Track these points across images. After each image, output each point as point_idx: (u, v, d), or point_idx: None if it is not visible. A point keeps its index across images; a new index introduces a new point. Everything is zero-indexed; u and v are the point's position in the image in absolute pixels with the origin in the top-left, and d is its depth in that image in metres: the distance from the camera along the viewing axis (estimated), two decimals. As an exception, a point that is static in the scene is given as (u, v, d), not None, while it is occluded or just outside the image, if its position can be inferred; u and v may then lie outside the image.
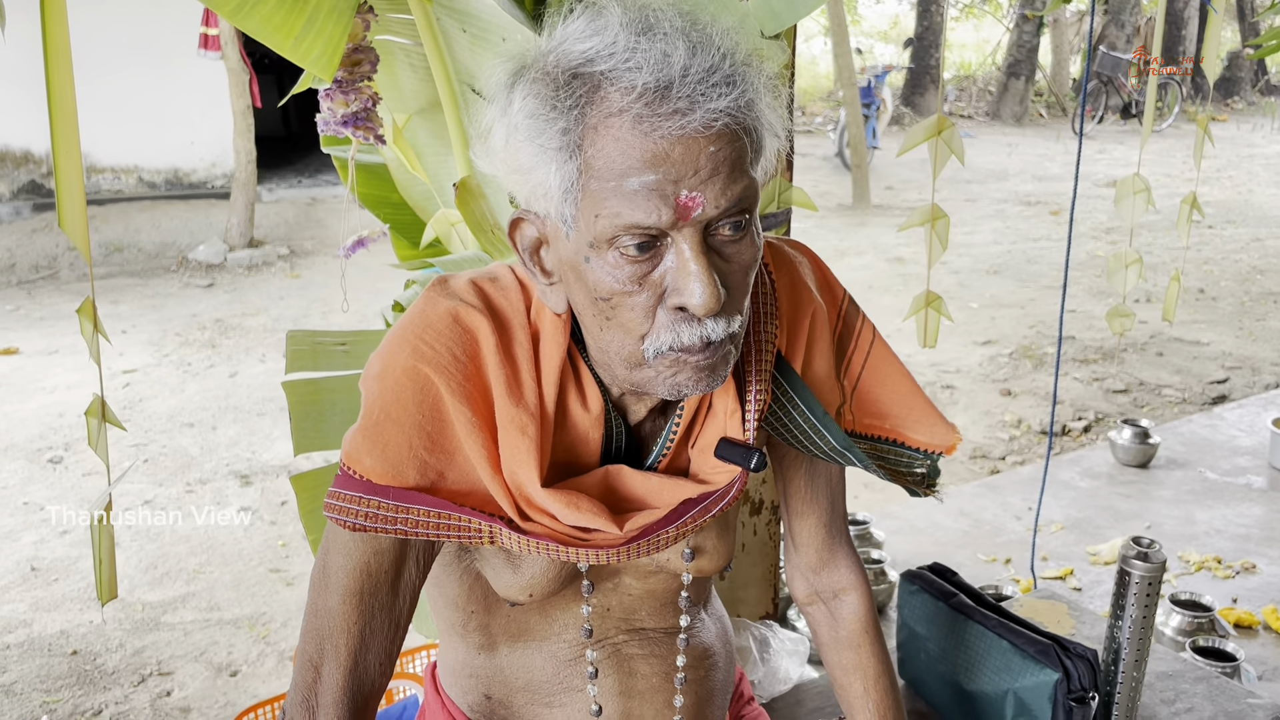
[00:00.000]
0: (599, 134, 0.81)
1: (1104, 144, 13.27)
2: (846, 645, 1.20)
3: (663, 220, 0.80)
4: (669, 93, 0.79)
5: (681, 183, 0.80)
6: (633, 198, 0.80)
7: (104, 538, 1.22)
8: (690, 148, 0.80)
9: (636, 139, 0.79)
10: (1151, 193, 2.20)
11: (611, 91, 0.80)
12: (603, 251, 0.83)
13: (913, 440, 1.14)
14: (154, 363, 5.54)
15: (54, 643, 3.07)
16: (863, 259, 7.76)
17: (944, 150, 1.79)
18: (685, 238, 0.82)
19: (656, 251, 0.83)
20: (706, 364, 0.87)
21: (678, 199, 0.80)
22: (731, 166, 0.81)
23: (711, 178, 0.81)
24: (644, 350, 0.87)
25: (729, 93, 0.80)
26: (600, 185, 0.81)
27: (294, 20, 1.20)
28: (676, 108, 0.79)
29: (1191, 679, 1.64)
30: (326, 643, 0.95)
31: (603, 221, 0.82)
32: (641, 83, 0.79)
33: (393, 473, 0.92)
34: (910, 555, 3.30)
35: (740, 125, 0.82)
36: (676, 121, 0.79)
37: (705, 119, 0.79)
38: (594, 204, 0.82)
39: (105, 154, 8.45)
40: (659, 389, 0.89)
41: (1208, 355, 5.54)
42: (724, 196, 0.82)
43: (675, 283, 0.83)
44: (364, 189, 1.64)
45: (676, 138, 0.79)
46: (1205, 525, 3.50)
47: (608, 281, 0.84)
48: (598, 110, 0.81)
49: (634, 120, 0.79)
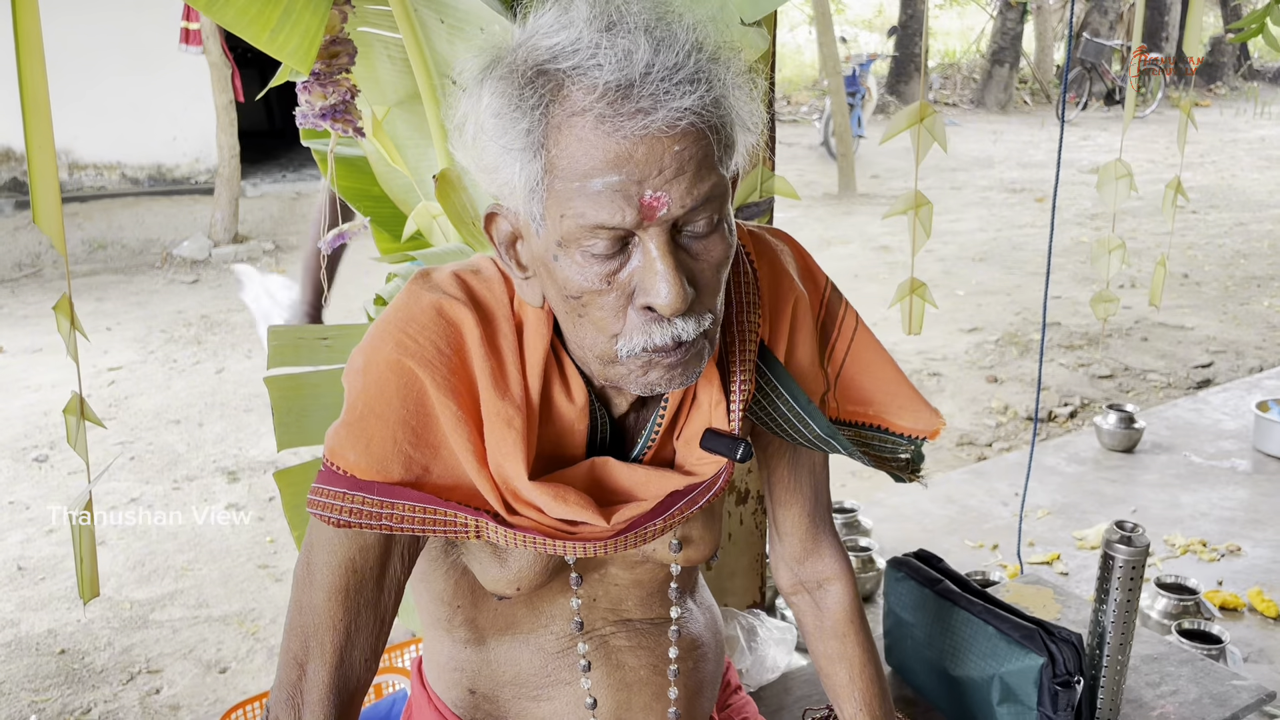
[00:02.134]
0: (562, 133, 0.80)
1: (1088, 130, 13.30)
2: (832, 635, 1.21)
3: (627, 220, 0.80)
4: (631, 91, 0.78)
5: (646, 183, 0.79)
6: (596, 198, 0.80)
7: (84, 537, 1.22)
8: (654, 147, 0.79)
9: (599, 139, 0.79)
10: (1134, 178, 2.20)
11: (574, 90, 0.80)
12: (570, 251, 0.83)
13: (896, 426, 1.15)
14: (139, 360, 5.51)
15: (42, 642, 3.06)
16: (848, 248, 7.77)
17: (927, 138, 1.79)
18: (651, 237, 0.81)
19: (624, 251, 0.83)
20: (678, 363, 0.87)
21: (642, 199, 0.79)
22: (698, 165, 0.81)
23: (677, 177, 0.80)
24: (616, 350, 0.87)
25: (694, 90, 0.79)
26: (564, 185, 0.81)
27: (270, 12, 1.19)
28: (639, 107, 0.78)
29: (1177, 662, 1.65)
30: (311, 640, 0.95)
31: (568, 221, 0.82)
32: (604, 81, 0.78)
33: (377, 468, 0.91)
34: (898, 542, 3.31)
35: (706, 123, 0.81)
36: (639, 121, 0.78)
37: (669, 118, 0.78)
38: (559, 204, 0.82)
39: (87, 150, 8.38)
40: (631, 386, 0.89)
41: (1192, 340, 5.56)
42: (690, 196, 0.81)
43: (642, 282, 0.83)
44: (344, 182, 1.63)
45: (640, 137, 0.78)
46: (1190, 509, 3.52)
47: (576, 280, 0.84)
48: (561, 109, 0.80)
49: (596, 120, 0.79)
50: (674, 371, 0.87)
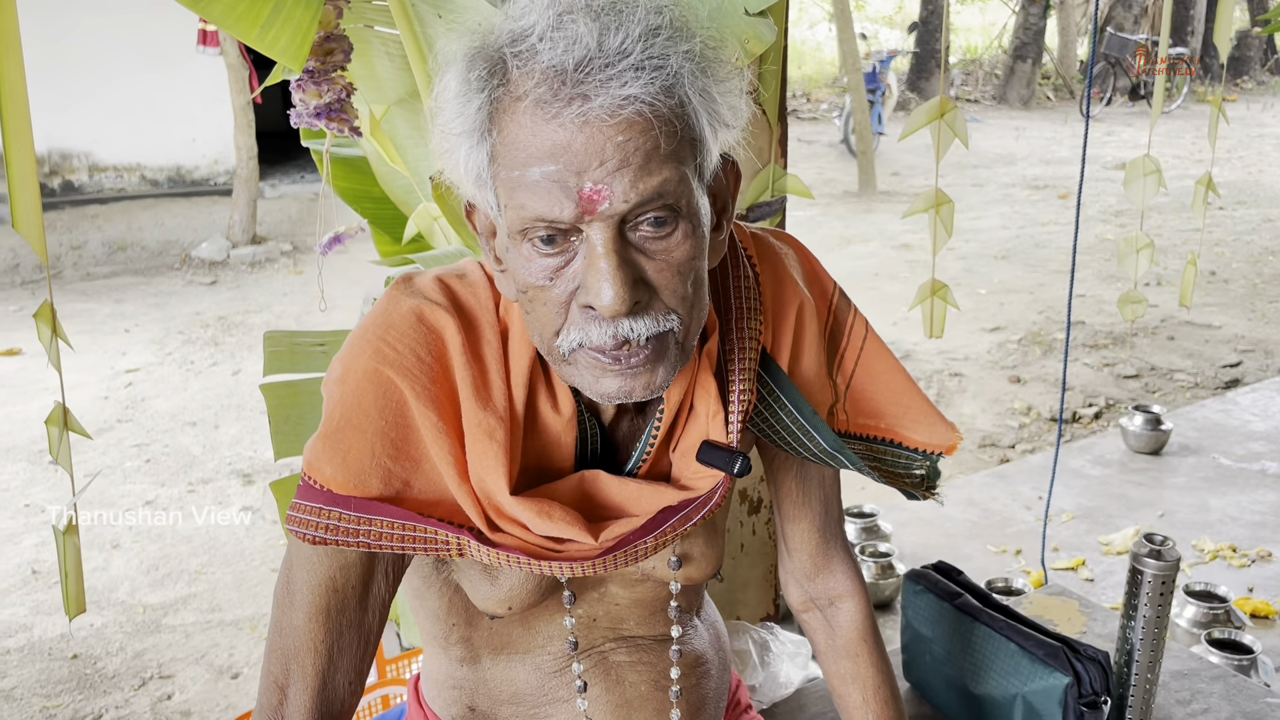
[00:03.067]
0: (504, 118, 0.77)
1: (1112, 126, 13.15)
2: (844, 654, 1.15)
3: (566, 213, 0.75)
4: (568, 77, 0.74)
5: (585, 174, 0.74)
6: (535, 188, 0.75)
7: (69, 551, 1.18)
8: (594, 137, 0.74)
9: (537, 125, 0.75)
10: (1163, 174, 2.14)
11: (518, 74, 0.76)
12: (519, 243, 0.80)
13: (910, 440, 1.09)
14: (157, 361, 5.51)
15: (54, 647, 3.04)
16: (869, 246, 7.69)
17: (947, 134, 1.73)
18: (595, 232, 0.77)
19: (569, 245, 0.78)
20: (633, 370, 0.81)
21: (580, 191, 0.75)
22: (645, 157, 0.75)
23: (620, 169, 0.75)
24: (559, 345, 0.82)
25: (640, 77, 0.74)
26: (507, 173, 0.77)
27: (260, 8, 1.15)
28: (578, 93, 0.73)
29: (1208, 678, 1.58)
30: (292, 663, 0.91)
31: (511, 212, 0.78)
32: (543, 66, 0.74)
33: (354, 482, 0.87)
34: (919, 548, 3.25)
35: (656, 114, 0.75)
36: (577, 107, 0.73)
37: (609, 105, 0.73)
38: (505, 193, 0.78)
39: (107, 152, 8.42)
40: (587, 391, 0.84)
41: (1220, 339, 5.46)
42: (634, 190, 0.75)
43: (584, 280, 0.78)
44: (345, 183, 1.59)
45: (578, 125, 0.74)
46: (1219, 513, 3.44)
47: (523, 274, 0.80)
48: (505, 93, 0.77)
49: (534, 105, 0.75)
50: (631, 380, 0.81)
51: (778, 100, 1.48)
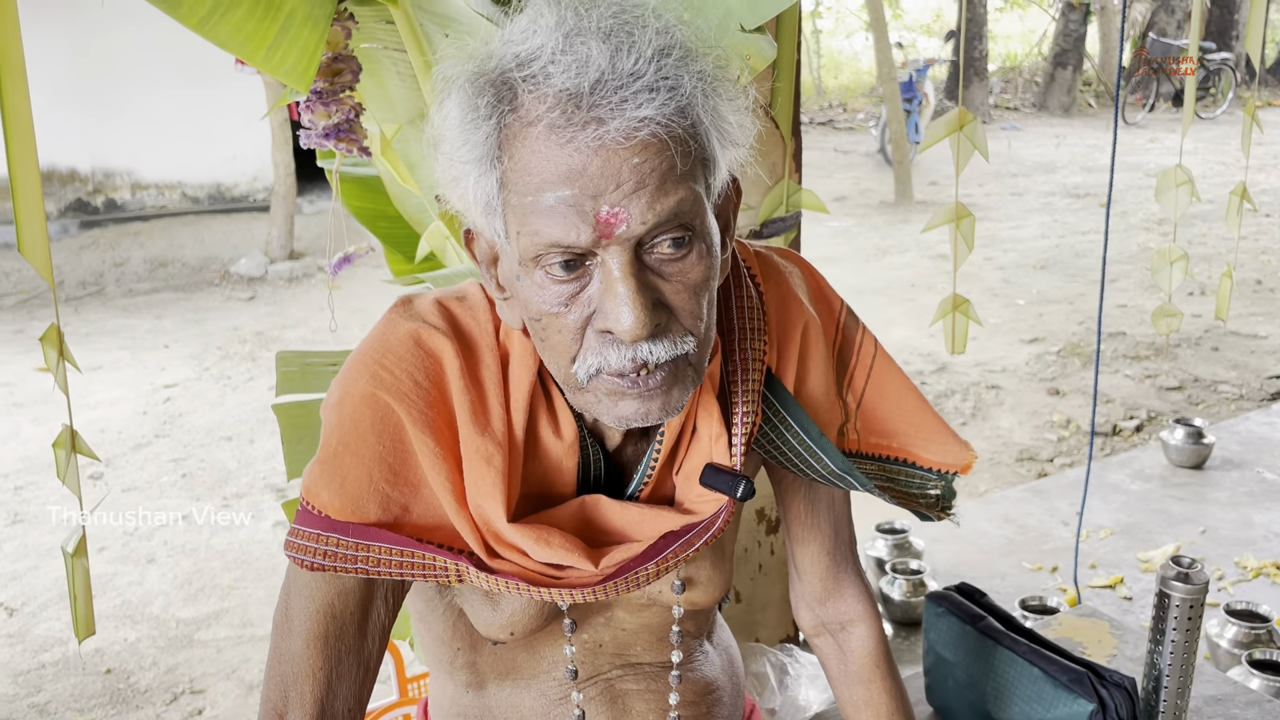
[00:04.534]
0: (515, 144, 0.75)
1: (1155, 132, 12.97)
2: (857, 680, 1.13)
3: (582, 239, 0.74)
4: (583, 100, 0.72)
5: (601, 198, 0.73)
6: (550, 214, 0.74)
7: (78, 573, 1.19)
8: (610, 160, 0.73)
9: (551, 150, 0.73)
10: (1195, 184, 2.09)
11: (528, 99, 0.74)
12: (531, 270, 0.77)
13: (924, 460, 1.06)
14: (194, 377, 5.58)
15: (89, 661, 3.08)
16: (905, 256, 7.62)
17: (967, 146, 1.70)
18: (612, 256, 0.75)
19: (584, 270, 0.77)
20: (651, 393, 0.79)
21: (598, 215, 0.73)
22: (661, 178, 0.74)
23: (636, 192, 0.73)
24: (575, 373, 0.80)
25: (654, 98, 0.73)
26: (519, 200, 0.75)
27: (266, 29, 1.16)
28: (593, 116, 0.72)
29: (1242, 703, 1.53)
30: (291, 690, 0.90)
31: (524, 239, 0.76)
32: (556, 89, 0.73)
33: (352, 508, 0.86)
34: (952, 565, 3.19)
35: (670, 134, 0.74)
36: (592, 131, 0.72)
37: (625, 128, 0.72)
38: (517, 219, 0.76)
39: (149, 171, 8.58)
40: (604, 418, 0.82)
41: (1266, 349, 5.34)
42: (651, 211, 0.74)
43: (602, 305, 0.77)
44: (358, 203, 1.60)
45: (594, 149, 0.72)
46: (1263, 529, 3.35)
47: (536, 301, 0.78)
48: (515, 119, 0.75)
49: (548, 129, 0.73)
50: (649, 403, 0.80)
51: (791, 114, 1.47)
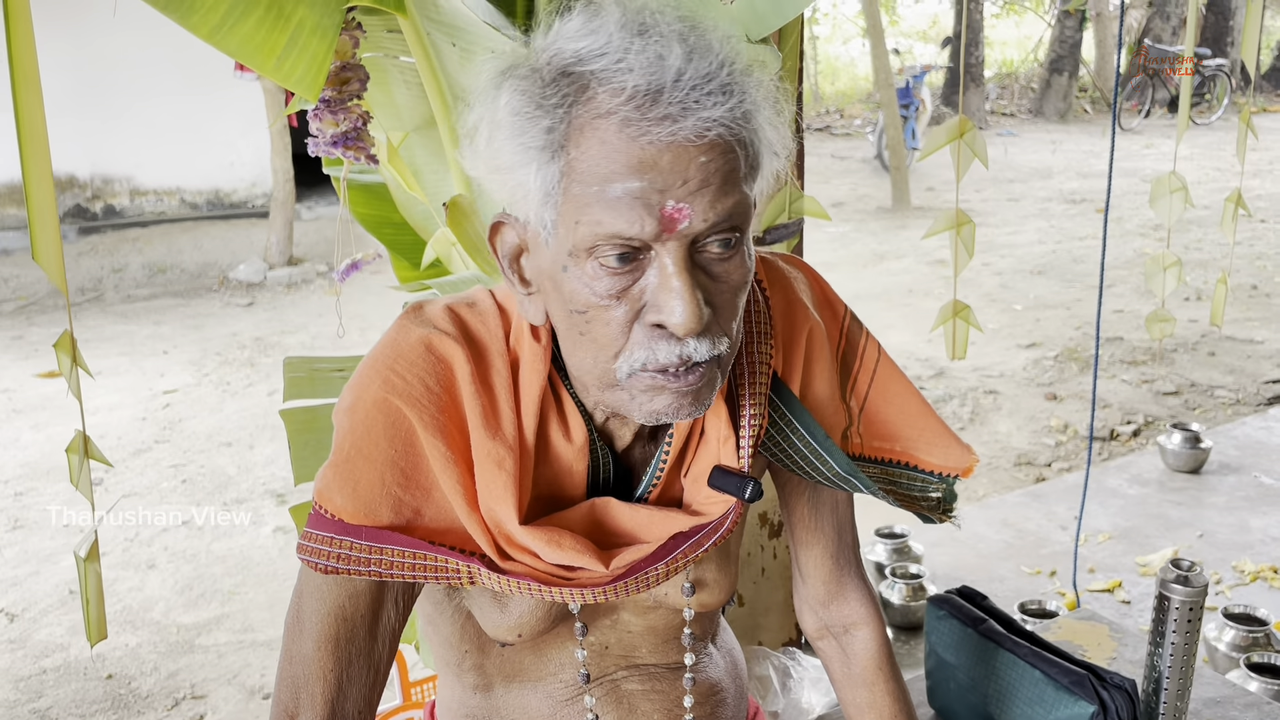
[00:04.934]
0: (584, 135, 0.76)
1: (1151, 138, 13.01)
2: (860, 683, 1.14)
3: (646, 231, 0.75)
4: (660, 97, 0.74)
5: (668, 192, 0.75)
6: (615, 205, 0.75)
7: (90, 577, 1.19)
8: (680, 156, 0.74)
9: (623, 143, 0.74)
10: (1189, 191, 2.10)
11: (601, 92, 0.76)
12: (582, 261, 0.78)
13: (926, 463, 1.08)
14: (194, 382, 5.59)
15: (90, 667, 3.08)
16: (902, 262, 7.64)
17: (967, 154, 1.72)
18: (669, 252, 0.77)
19: (638, 264, 0.78)
20: (688, 389, 0.81)
21: (663, 209, 0.75)
22: (723, 179, 0.76)
23: (701, 189, 0.75)
24: (616, 369, 0.81)
25: (725, 102, 0.75)
26: (583, 190, 0.76)
27: (276, 39, 1.17)
28: (668, 113, 0.74)
29: (1241, 705, 1.55)
30: (302, 692, 0.91)
31: (583, 229, 0.77)
32: (632, 85, 0.74)
33: (365, 511, 0.87)
34: (951, 569, 3.21)
35: (735, 137, 0.77)
36: (667, 127, 0.74)
37: (698, 127, 0.74)
38: (575, 209, 0.77)
39: (148, 176, 8.58)
40: (635, 413, 0.83)
41: (1262, 354, 5.36)
42: (713, 210, 0.76)
43: (655, 299, 0.78)
44: (364, 209, 1.61)
45: (666, 145, 0.74)
46: (1261, 533, 3.37)
47: (584, 293, 0.79)
48: (585, 110, 0.76)
49: (622, 123, 0.74)
50: (683, 399, 0.81)
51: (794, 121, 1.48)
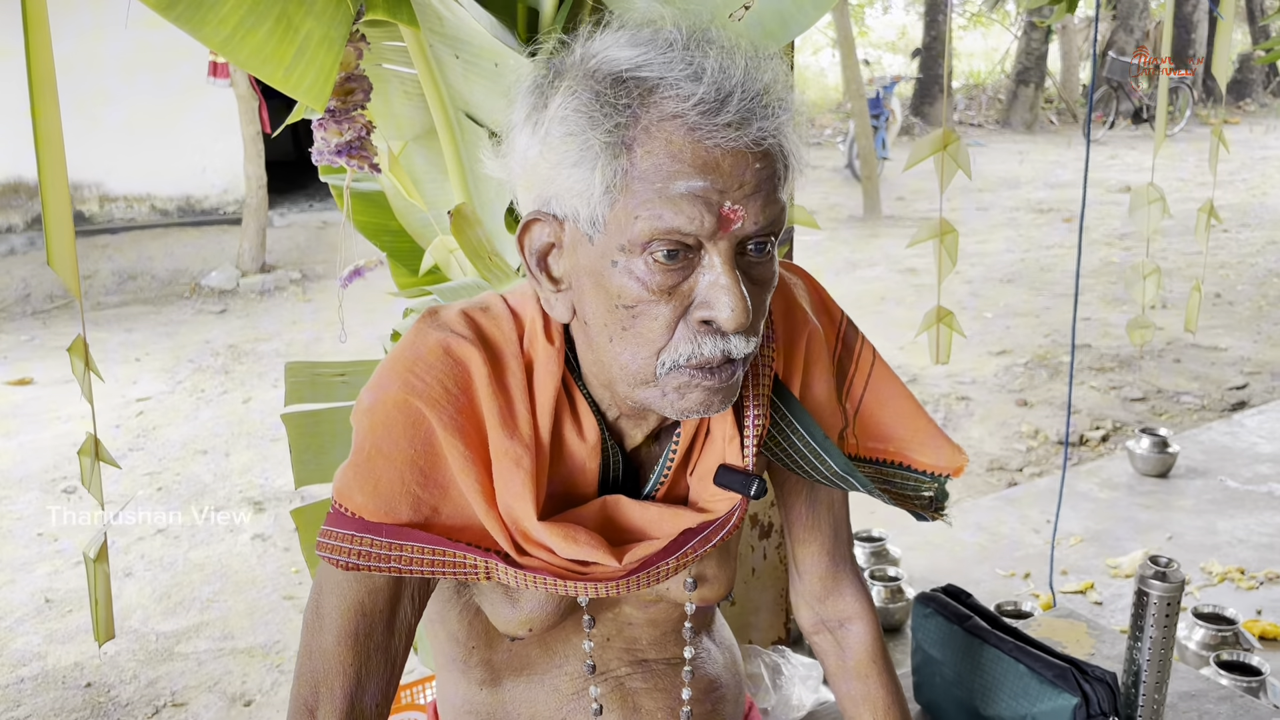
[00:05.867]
0: (651, 135, 0.81)
1: (1115, 149, 13.21)
2: (854, 676, 1.18)
3: (704, 228, 0.80)
4: (727, 104, 0.80)
5: (727, 194, 0.80)
6: (678, 202, 0.80)
7: (99, 577, 1.21)
8: (739, 161, 0.80)
9: (690, 145, 0.80)
10: (1167, 201, 2.16)
11: (668, 96, 0.81)
12: (634, 256, 0.82)
13: (919, 463, 1.12)
14: (167, 390, 5.55)
15: (68, 675, 3.06)
16: (874, 270, 7.73)
17: (951, 164, 1.77)
18: (720, 251, 0.82)
19: (687, 263, 0.83)
20: (720, 385, 0.86)
21: (721, 209, 0.80)
22: (772, 187, 0.82)
23: (754, 194, 0.81)
24: (658, 364, 0.85)
25: (779, 115, 0.82)
26: (644, 187, 0.81)
27: (284, 50, 1.19)
28: (732, 120, 0.80)
29: (1215, 699, 1.60)
30: (321, 686, 0.93)
31: (641, 224, 0.81)
32: (701, 92, 0.80)
33: (385, 509, 0.90)
34: (927, 571, 3.26)
35: (781, 148, 0.83)
36: (730, 133, 0.79)
37: (757, 136, 0.80)
38: (635, 205, 0.81)
39: (118, 182, 8.50)
40: (664, 408, 0.87)
41: (1226, 361, 5.47)
42: (763, 214, 0.82)
43: (705, 296, 0.83)
44: (362, 217, 1.63)
45: (729, 149, 0.80)
46: (1227, 535, 3.45)
47: (634, 288, 0.83)
48: (651, 113, 0.81)
49: (689, 127, 0.80)
50: (714, 395, 0.86)
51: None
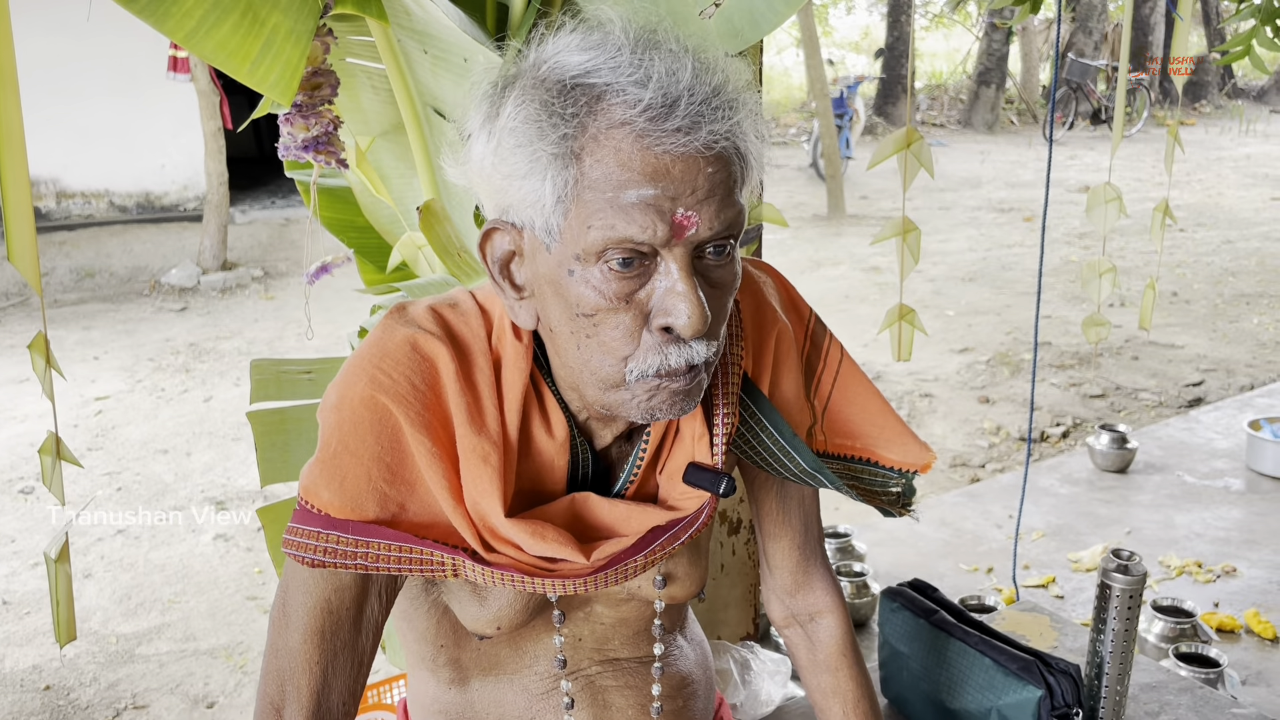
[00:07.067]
0: (599, 144, 0.79)
1: (1074, 150, 13.38)
2: (824, 669, 1.18)
3: (657, 236, 0.79)
4: (674, 109, 0.78)
5: (679, 200, 0.79)
6: (629, 211, 0.79)
7: (60, 578, 1.19)
8: (690, 166, 0.79)
9: (639, 152, 0.78)
10: (1124, 200, 2.20)
11: (615, 103, 0.79)
12: (589, 265, 0.82)
13: (886, 459, 1.13)
14: (127, 389, 5.47)
15: (26, 678, 3.01)
16: (839, 269, 7.78)
17: (914, 163, 1.78)
18: (675, 257, 0.81)
19: (644, 269, 0.82)
20: (684, 389, 0.85)
21: (674, 216, 0.79)
22: (727, 190, 0.81)
23: (708, 199, 0.80)
24: (626, 372, 0.84)
25: (730, 116, 0.80)
26: (595, 196, 0.80)
27: (250, 44, 1.18)
28: (680, 125, 0.78)
29: (1175, 690, 1.63)
30: (288, 684, 0.92)
31: (594, 233, 0.80)
32: (648, 97, 0.78)
33: (351, 506, 0.89)
34: (892, 567, 3.29)
35: (735, 150, 0.82)
36: (680, 139, 0.78)
37: (707, 139, 0.79)
38: (587, 215, 0.80)
39: (75, 178, 8.37)
40: (632, 412, 0.87)
41: (1183, 358, 5.57)
42: (718, 219, 0.81)
43: (663, 303, 0.82)
44: (329, 213, 1.61)
45: (678, 155, 0.79)
46: (1185, 529, 3.51)
47: (591, 297, 0.82)
48: (600, 120, 0.80)
49: (637, 134, 0.78)
50: (679, 398, 0.86)
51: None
